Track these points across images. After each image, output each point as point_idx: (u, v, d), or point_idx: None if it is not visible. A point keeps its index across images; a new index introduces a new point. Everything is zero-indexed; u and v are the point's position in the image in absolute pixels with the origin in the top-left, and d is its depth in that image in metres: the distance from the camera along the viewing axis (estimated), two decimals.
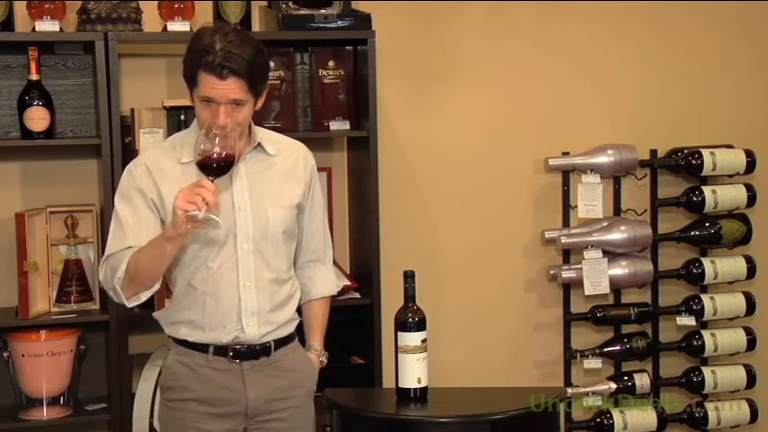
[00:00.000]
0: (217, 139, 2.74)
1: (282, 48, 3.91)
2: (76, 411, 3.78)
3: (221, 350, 3.00)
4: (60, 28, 3.67)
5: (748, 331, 4.41)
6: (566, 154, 4.29)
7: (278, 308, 3.05)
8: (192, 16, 3.79)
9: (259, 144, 3.03)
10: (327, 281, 3.26)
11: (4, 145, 3.79)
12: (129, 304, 2.94)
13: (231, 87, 2.84)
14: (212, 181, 2.73)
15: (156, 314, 3.12)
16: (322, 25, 3.85)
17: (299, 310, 3.18)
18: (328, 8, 3.92)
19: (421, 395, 3.38)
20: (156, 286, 2.94)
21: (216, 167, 2.75)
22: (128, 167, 3.03)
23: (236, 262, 2.98)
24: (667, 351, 4.43)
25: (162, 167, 2.95)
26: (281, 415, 3.06)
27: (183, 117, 3.75)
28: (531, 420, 3.37)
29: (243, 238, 2.98)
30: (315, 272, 3.23)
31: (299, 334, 3.20)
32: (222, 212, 2.92)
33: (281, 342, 3.08)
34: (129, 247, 2.91)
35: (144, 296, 2.93)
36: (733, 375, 4.39)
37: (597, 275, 4.23)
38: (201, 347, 3.01)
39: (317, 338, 3.23)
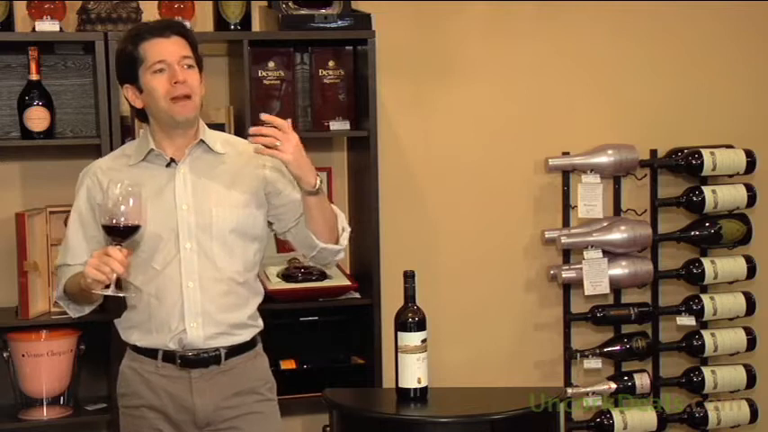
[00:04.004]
0: (122, 207, 2.75)
1: (282, 48, 3.91)
2: (76, 411, 3.78)
3: (170, 357, 2.95)
4: (60, 28, 3.67)
5: (748, 331, 4.41)
6: (566, 154, 4.29)
7: (228, 310, 2.96)
8: (192, 16, 3.79)
9: (202, 141, 2.99)
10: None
11: (4, 145, 3.79)
12: (75, 315, 3.04)
13: (177, 43, 2.91)
14: (120, 247, 2.76)
15: (115, 320, 3.08)
16: (322, 25, 3.85)
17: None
18: (328, 8, 3.92)
19: (421, 395, 3.38)
20: (100, 300, 2.96)
21: (123, 230, 2.76)
22: (81, 173, 3.06)
23: (180, 261, 2.93)
24: (667, 351, 4.43)
25: (110, 173, 2.96)
26: (235, 423, 2.98)
27: None
28: (531, 420, 3.37)
29: (185, 236, 2.93)
30: None
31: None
32: (164, 212, 2.93)
33: (235, 350, 2.99)
34: (68, 264, 2.99)
35: (87, 309, 3.03)
36: (733, 375, 4.39)
37: (597, 275, 4.23)
38: (151, 353, 2.97)
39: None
